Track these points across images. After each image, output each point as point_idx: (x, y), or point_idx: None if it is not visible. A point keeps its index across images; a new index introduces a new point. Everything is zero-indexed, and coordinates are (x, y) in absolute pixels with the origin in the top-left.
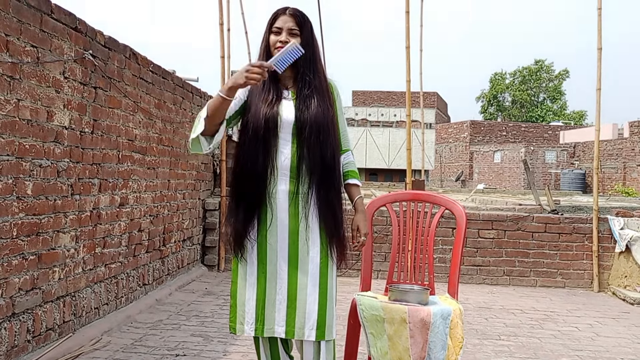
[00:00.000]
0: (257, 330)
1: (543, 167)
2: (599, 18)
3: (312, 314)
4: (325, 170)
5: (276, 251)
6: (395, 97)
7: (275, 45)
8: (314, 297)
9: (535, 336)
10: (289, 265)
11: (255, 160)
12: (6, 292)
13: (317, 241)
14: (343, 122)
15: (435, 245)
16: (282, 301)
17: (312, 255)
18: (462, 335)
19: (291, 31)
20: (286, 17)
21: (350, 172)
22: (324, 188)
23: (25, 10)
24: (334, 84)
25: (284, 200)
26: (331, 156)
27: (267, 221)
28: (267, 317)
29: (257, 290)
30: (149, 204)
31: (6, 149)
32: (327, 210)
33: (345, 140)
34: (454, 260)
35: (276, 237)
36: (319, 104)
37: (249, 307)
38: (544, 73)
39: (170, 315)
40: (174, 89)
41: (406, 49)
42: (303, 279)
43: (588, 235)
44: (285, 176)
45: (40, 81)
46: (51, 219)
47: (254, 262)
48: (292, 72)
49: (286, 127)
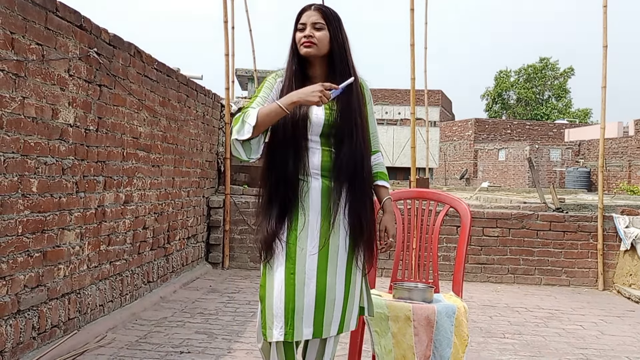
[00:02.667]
0: (287, 334)
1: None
2: (604, 15)
3: (338, 310)
4: (355, 170)
5: (306, 253)
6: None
7: (300, 41)
8: (341, 297)
9: (540, 334)
10: (318, 268)
11: (285, 161)
12: (11, 289)
13: (346, 242)
14: (374, 123)
15: (440, 243)
16: (311, 302)
17: (341, 255)
18: (467, 333)
19: (315, 25)
20: (310, 12)
21: (379, 174)
22: (354, 189)
23: (30, 8)
24: (365, 84)
25: (315, 202)
26: (360, 157)
27: (297, 223)
28: (296, 321)
29: (286, 294)
30: (154, 202)
31: (11, 147)
32: (357, 211)
33: (375, 141)
34: (458, 258)
35: (306, 239)
36: (349, 104)
37: (278, 312)
38: (549, 71)
39: (175, 313)
40: (178, 86)
41: (411, 46)
42: (332, 279)
43: (593, 234)
44: (316, 177)
45: (45, 79)
46: (56, 216)
47: (283, 265)
48: (324, 71)
49: (316, 128)
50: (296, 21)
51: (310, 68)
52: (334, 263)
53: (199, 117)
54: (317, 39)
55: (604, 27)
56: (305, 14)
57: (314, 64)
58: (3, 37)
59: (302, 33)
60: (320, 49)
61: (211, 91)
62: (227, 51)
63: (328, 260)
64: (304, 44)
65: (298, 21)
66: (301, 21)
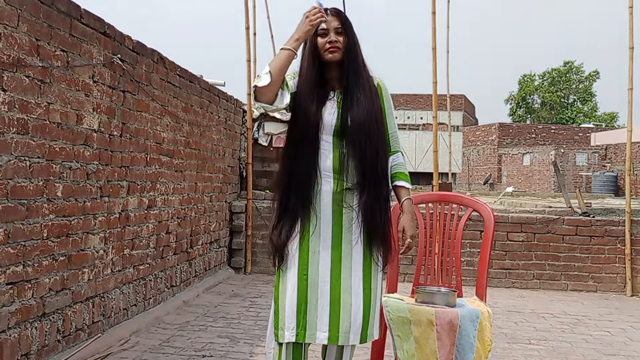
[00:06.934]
0: (299, 335)
1: (574, 170)
2: (630, 17)
3: (357, 318)
4: (369, 171)
5: (319, 255)
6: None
7: (325, 47)
8: (359, 301)
9: (566, 340)
10: (332, 269)
11: (297, 165)
12: (37, 292)
13: (360, 243)
14: (392, 122)
15: (463, 248)
16: (325, 306)
17: (356, 258)
18: (490, 338)
19: (337, 30)
20: (330, 18)
21: (398, 174)
22: (368, 189)
23: (55, 15)
24: (382, 83)
25: (327, 203)
26: (374, 157)
27: (310, 225)
28: (309, 322)
29: (298, 294)
30: (177, 207)
31: (37, 152)
32: (371, 212)
33: (394, 141)
34: (481, 262)
35: (319, 240)
36: (363, 104)
37: (289, 312)
38: (574, 74)
39: (198, 317)
40: (200, 92)
41: (433, 50)
42: (347, 282)
43: (620, 238)
44: (328, 178)
45: (70, 85)
46: (81, 220)
47: (295, 266)
48: (339, 72)
49: (327, 129)
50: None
51: (327, 72)
52: (349, 265)
53: (221, 123)
54: (340, 44)
55: (630, 28)
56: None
57: (331, 68)
58: (29, 44)
59: (324, 39)
60: (342, 54)
61: (233, 97)
62: (248, 57)
63: (342, 262)
64: (330, 49)
65: (317, 26)
66: (322, 26)
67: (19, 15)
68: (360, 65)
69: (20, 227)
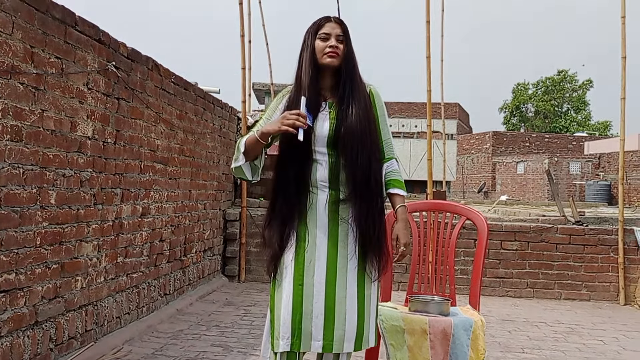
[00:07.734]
0: (294, 345)
1: (567, 179)
2: (622, 27)
3: (352, 325)
4: (363, 180)
5: (313, 264)
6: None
7: (325, 51)
8: (353, 309)
9: (560, 349)
10: (327, 278)
11: (290, 176)
12: (29, 300)
13: (355, 252)
14: (386, 130)
15: (457, 256)
16: (320, 315)
17: (350, 267)
18: (483, 347)
19: (338, 37)
20: (333, 24)
21: (393, 181)
22: (362, 198)
23: (50, 22)
24: (374, 90)
25: (322, 213)
26: (367, 165)
27: (305, 235)
28: (304, 331)
29: (293, 304)
30: (170, 214)
31: (30, 159)
32: (365, 220)
33: (389, 148)
34: (475, 271)
35: (314, 250)
36: (357, 113)
37: (284, 322)
38: (567, 83)
39: (191, 325)
40: (195, 100)
41: (427, 59)
42: (341, 292)
43: (613, 247)
44: (323, 189)
45: (64, 92)
46: (74, 228)
47: (291, 276)
48: (332, 82)
49: (321, 141)
50: (316, 30)
51: (321, 79)
52: (343, 275)
53: (215, 130)
54: (340, 51)
55: (622, 38)
56: (329, 25)
57: (325, 75)
58: (23, 51)
59: (325, 43)
60: (340, 61)
61: (228, 104)
62: (243, 65)
63: (337, 273)
64: (329, 53)
65: (319, 30)
66: (324, 31)
67: (14, 22)
68: (357, 75)
69: (14, 234)
